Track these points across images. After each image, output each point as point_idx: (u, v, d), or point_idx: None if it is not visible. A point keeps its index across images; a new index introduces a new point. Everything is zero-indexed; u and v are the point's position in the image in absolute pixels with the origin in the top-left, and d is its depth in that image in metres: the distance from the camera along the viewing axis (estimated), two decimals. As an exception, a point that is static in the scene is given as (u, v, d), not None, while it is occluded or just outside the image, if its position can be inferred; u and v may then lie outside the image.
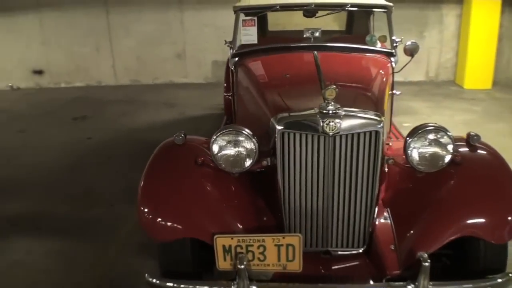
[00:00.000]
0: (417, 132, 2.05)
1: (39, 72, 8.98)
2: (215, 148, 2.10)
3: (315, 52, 3.09)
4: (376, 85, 2.74)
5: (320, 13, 3.52)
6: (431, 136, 2.05)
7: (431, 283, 1.79)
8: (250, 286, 1.83)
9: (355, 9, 3.48)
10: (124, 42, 8.64)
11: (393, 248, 2.02)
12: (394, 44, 3.36)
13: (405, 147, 2.06)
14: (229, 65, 3.84)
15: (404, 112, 5.84)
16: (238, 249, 1.86)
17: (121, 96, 8.03)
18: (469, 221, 1.93)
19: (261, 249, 1.86)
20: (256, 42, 3.41)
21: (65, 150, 5.16)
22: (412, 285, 1.79)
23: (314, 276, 1.96)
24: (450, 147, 2.03)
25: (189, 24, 8.55)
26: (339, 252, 2.16)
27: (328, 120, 1.97)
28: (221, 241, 1.87)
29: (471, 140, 2.13)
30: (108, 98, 7.91)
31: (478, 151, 2.14)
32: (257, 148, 2.11)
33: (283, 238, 1.85)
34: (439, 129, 2.04)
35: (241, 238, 1.85)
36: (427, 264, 1.75)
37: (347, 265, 2.10)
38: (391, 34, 3.39)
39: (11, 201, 3.95)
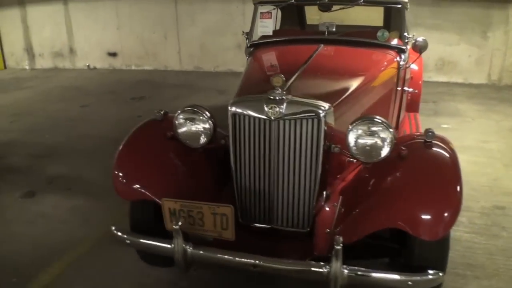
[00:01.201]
0: (356, 122, 2.10)
1: (113, 55, 9.84)
2: (176, 124, 2.34)
3: (322, 45, 3.22)
4: (366, 79, 2.76)
5: (334, 7, 3.58)
6: (369, 128, 2.07)
7: (346, 267, 1.84)
8: (186, 246, 2.04)
9: (368, 5, 3.47)
10: (189, 30, 9.15)
11: (327, 231, 2.10)
12: (406, 41, 3.31)
13: (346, 136, 2.12)
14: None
15: (448, 113, 5.62)
16: (181, 213, 2.08)
17: (182, 81, 8.55)
18: (398, 214, 1.90)
19: (200, 215, 2.06)
20: (271, 34, 3.59)
21: (116, 125, 5.68)
22: (328, 267, 1.85)
23: (250, 247, 2.09)
24: (387, 140, 2.05)
25: (250, 16, 8.78)
26: (286, 229, 2.27)
27: (271, 105, 2.09)
28: (167, 204, 2.09)
29: (426, 137, 2.12)
30: (170, 82, 8.48)
31: (433, 148, 2.12)
32: (212, 127, 2.31)
33: (218, 208, 2.02)
34: (378, 122, 2.07)
35: (183, 203, 2.06)
36: (338, 247, 1.80)
37: (286, 243, 2.22)
38: (403, 30, 3.34)
39: (55, 163, 4.53)
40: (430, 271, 1.90)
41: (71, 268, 2.86)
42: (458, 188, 1.92)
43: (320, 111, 2.09)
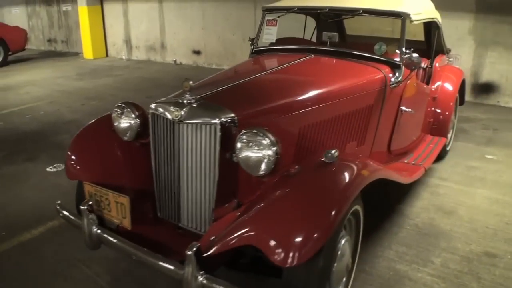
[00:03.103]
0: (241, 134, 2.05)
1: (197, 52, 10.46)
2: (112, 118, 2.56)
3: (312, 55, 3.21)
4: (327, 93, 2.65)
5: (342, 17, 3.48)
6: (249, 140, 2.02)
7: (201, 273, 1.80)
8: (92, 227, 2.20)
9: (367, 15, 3.29)
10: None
11: (212, 238, 2.02)
12: (403, 56, 3.07)
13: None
14: None
15: (503, 144, 4.97)
16: (95, 197, 2.26)
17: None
18: (256, 232, 1.78)
19: (108, 201, 2.21)
20: (274, 41, 3.65)
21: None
22: (184, 270, 1.83)
23: (145, 239, 2.18)
24: (267, 155, 1.99)
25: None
26: (189, 229, 2.31)
27: (176, 108, 2.17)
28: (87, 187, 2.29)
29: (325, 158, 2.00)
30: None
31: (332, 169, 1.99)
32: (139, 124, 2.47)
33: (119, 197, 2.16)
34: (259, 135, 1.99)
35: (97, 189, 2.24)
36: (189, 253, 1.79)
37: (181, 240, 2.24)
38: (401, 45, 3.10)
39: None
40: None
41: (50, 232, 3.22)
42: (334, 214, 1.77)
43: (216, 120, 2.10)
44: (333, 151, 1.99)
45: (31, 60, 12.29)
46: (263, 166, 2.03)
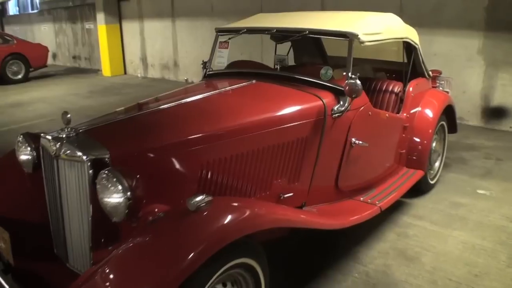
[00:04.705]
0: (99, 175, 1.84)
1: (208, 71, 10.37)
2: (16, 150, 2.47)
3: (253, 80, 3.00)
4: (239, 125, 2.38)
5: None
6: (102, 181, 1.82)
7: None
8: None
9: (315, 36, 3.02)
10: (271, 53, 9.12)
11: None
12: (347, 81, 2.71)
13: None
14: None
15: (502, 177, 4.43)
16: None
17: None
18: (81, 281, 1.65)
19: (-1, 236, 2.12)
20: (225, 65, 3.47)
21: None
22: None
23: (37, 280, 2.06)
24: (116, 200, 1.79)
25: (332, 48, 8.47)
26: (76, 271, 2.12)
27: (52, 142, 2.03)
28: None
29: (188, 205, 1.74)
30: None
31: (194, 218, 1.71)
32: (35, 156, 2.34)
33: (3, 232, 2.12)
34: (115, 178, 1.80)
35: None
36: None
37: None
38: (347, 69, 2.76)
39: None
40: None
41: None
42: (177, 273, 1.53)
43: (85, 157, 1.91)
44: (199, 198, 1.72)
45: (53, 76, 12.67)
46: (116, 212, 1.81)
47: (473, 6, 5.96)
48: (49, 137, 2.08)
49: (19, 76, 11.35)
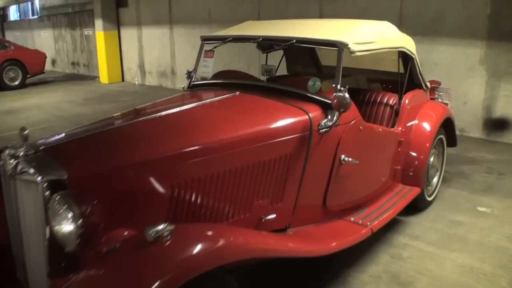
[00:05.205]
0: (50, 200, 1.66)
1: (204, 79, 10.21)
2: None
3: (237, 92, 2.83)
4: (213, 142, 2.19)
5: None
6: (58, 210, 1.62)
7: None
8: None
9: (304, 45, 2.85)
10: (270, 61, 8.96)
11: None
12: (336, 94, 2.52)
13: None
14: None
15: (505, 193, 4.23)
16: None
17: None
18: None
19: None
20: (210, 75, 3.31)
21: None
22: None
23: None
24: (67, 229, 1.60)
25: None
26: None
27: (9, 160, 1.89)
28: None
29: (146, 236, 1.56)
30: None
31: (150, 250, 1.54)
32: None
33: None
34: (66, 205, 1.64)
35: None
36: None
37: None
38: (336, 81, 2.58)
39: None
40: None
41: None
42: None
43: (40, 178, 1.72)
44: (160, 227, 1.53)
45: (51, 83, 12.57)
46: (67, 240, 1.66)
47: (475, 14, 5.78)
48: (8, 154, 1.92)
49: (16, 83, 11.26)
